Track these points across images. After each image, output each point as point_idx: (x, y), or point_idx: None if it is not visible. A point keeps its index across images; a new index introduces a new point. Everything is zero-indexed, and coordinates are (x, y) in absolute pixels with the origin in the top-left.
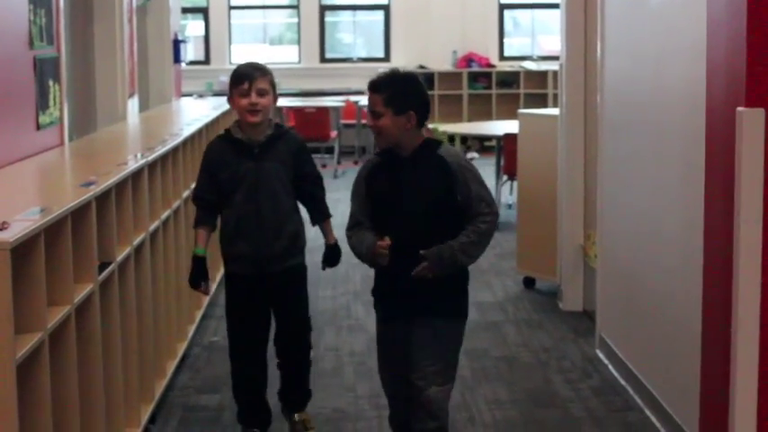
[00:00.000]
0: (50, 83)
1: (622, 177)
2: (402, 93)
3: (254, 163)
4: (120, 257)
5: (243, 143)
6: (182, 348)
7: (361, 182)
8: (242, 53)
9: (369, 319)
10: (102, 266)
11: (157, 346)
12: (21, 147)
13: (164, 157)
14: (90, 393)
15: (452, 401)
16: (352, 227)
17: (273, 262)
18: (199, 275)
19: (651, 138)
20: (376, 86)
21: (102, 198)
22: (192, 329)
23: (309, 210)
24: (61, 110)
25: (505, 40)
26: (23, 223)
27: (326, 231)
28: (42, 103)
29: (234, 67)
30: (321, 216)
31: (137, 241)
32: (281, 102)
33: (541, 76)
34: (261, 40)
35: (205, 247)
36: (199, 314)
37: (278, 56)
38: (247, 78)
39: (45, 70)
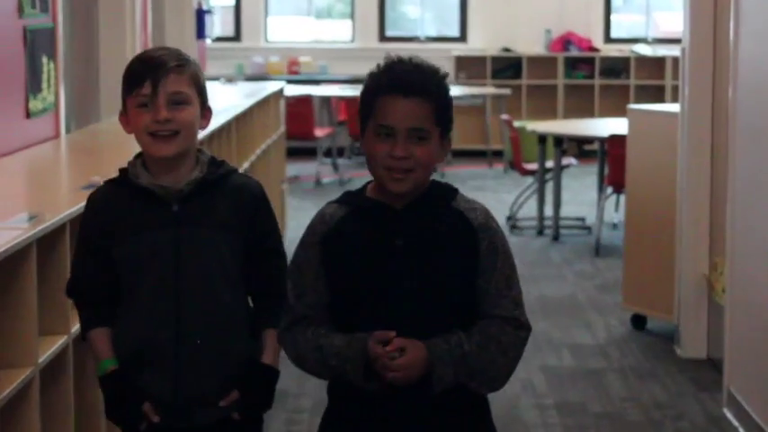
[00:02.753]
0: (44, 60)
1: (762, 192)
2: (451, 102)
3: (172, 230)
4: None
5: (150, 194)
6: None
7: (313, 249)
8: (281, 28)
9: None
10: None
11: None
12: (7, 139)
13: None
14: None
15: None
16: (292, 324)
17: (201, 410)
18: (127, 397)
19: None
20: (419, 86)
21: None
22: None
23: (255, 308)
24: (57, 94)
25: (612, 19)
26: (10, 233)
27: (267, 345)
28: (34, 84)
29: (271, 45)
30: (268, 320)
31: None
32: (330, 90)
33: (658, 64)
34: (305, 12)
35: (113, 356)
36: None
37: (326, 33)
38: (149, 75)
39: (37, 44)
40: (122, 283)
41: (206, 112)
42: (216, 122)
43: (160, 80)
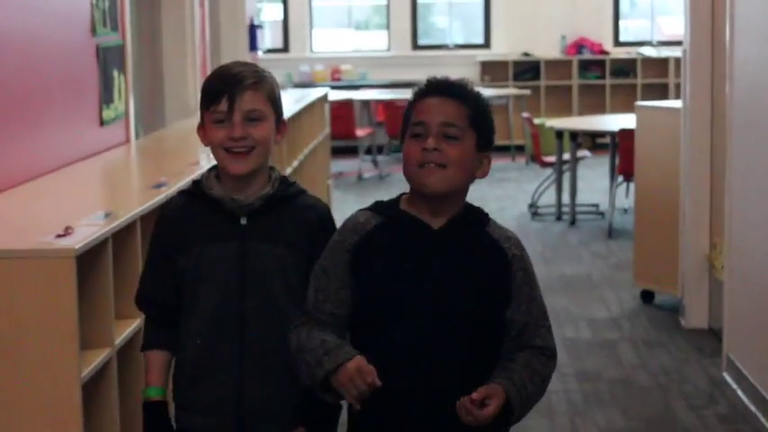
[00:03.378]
0: (115, 73)
1: (756, 179)
2: (491, 117)
3: (239, 243)
4: None
5: (221, 206)
6: None
7: (343, 255)
8: (325, 39)
9: None
10: None
11: None
12: (83, 144)
13: None
14: None
15: (561, 428)
16: (303, 324)
17: (261, 421)
18: None
19: None
20: (457, 90)
21: None
22: None
23: None
24: (127, 103)
25: (621, 24)
26: (89, 228)
27: None
28: (106, 96)
29: (316, 55)
30: None
31: None
32: (369, 94)
33: (662, 64)
34: (345, 24)
35: (163, 384)
36: None
37: (365, 42)
38: (227, 92)
39: (109, 59)
40: (187, 293)
41: (281, 126)
42: None
43: (236, 97)
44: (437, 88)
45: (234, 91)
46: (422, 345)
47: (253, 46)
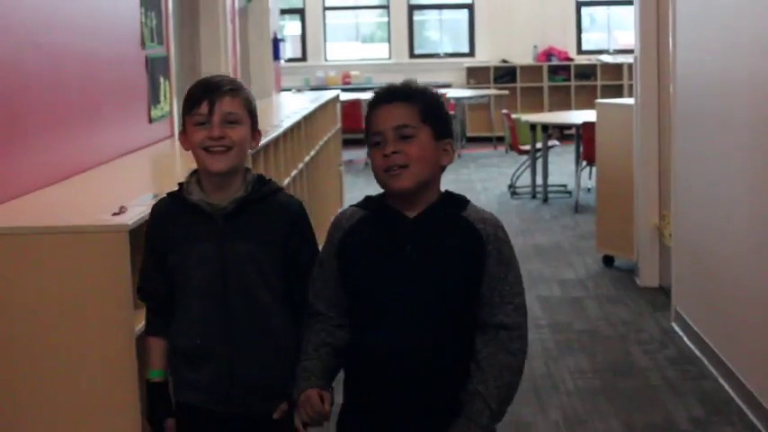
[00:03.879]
0: (161, 80)
1: (695, 162)
2: (442, 108)
3: (217, 244)
4: None
5: (198, 210)
6: None
7: (332, 248)
8: (336, 50)
9: None
10: None
11: None
12: (134, 139)
13: (266, 147)
14: None
15: (537, 371)
16: (308, 318)
17: (250, 396)
18: (160, 409)
19: (721, 126)
20: (402, 93)
21: None
22: None
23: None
24: (171, 104)
25: (583, 36)
26: (139, 208)
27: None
28: (154, 98)
29: (329, 63)
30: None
31: None
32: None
33: (617, 69)
34: (354, 38)
35: (164, 367)
36: None
37: (370, 53)
38: (206, 97)
39: (156, 68)
40: (176, 288)
41: (256, 134)
42: (290, 121)
43: (216, 101)
44: (384, 97)
45: (214, 95)
46: (404, 320)
47: (276, 56)
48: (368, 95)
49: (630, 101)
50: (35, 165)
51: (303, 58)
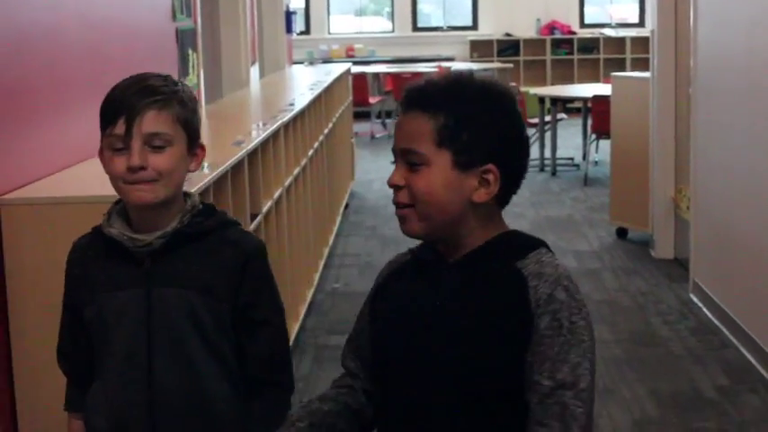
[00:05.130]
0: (189, 52)
1: (715, 135)
2: (478, 120)
3: (143, 289)
4: (264, 209)
5: (120, 247)
6: (310, 294)
7: (369, 295)
8: (340, 23)
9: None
10: (252, 218)
11: (292, 291)
12: None
13: (293, 120)
14: None
15: None
16: (349, 348)
17: None
18: None
19: (745, 98)
20: (420, 98)
21: (251, 155)
22: (316, 277)
23: (247, 395)
24: (198, 76)
25: (585, 9)
26: (195, 177)
27: None
28: (183, 70)
29: (333, 36)
30: (254, 414)
31: (276, 194)
32: (378, 68)
33: (620, 42)
34: (357, 11)
35: None
36: (321, 263)
37: (373, 26)
38: (122, 112)
39: (185, 40)
40: (95, 348)
41: (197, 151)
42: (312, 95)
43: (135, 118)
44: (403, 100)
45: (132, 111)
46: (433, 394)
47: (288, 29)
48: (372, 68)
49: (646, 74)
50: (80, 135)
51: (307, 32)
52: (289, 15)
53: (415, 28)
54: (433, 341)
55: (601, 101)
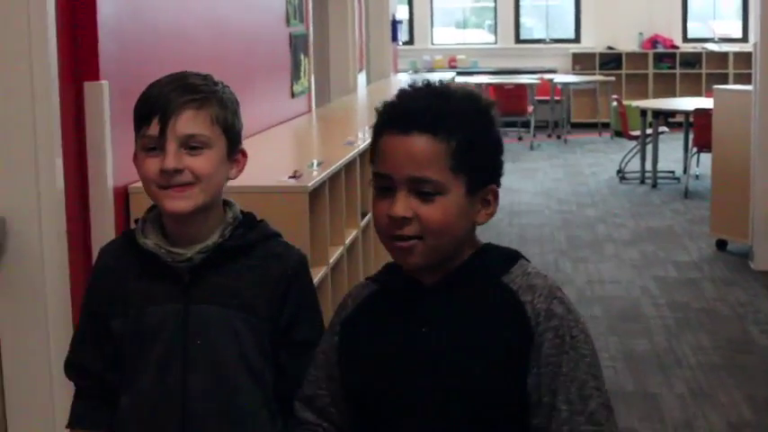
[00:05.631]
0: (301, 57)
1: None
2: (482, 138)
3: (181, 306)
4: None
5: (156, 260)
6: None
7: (332, 338)
8: (443, 35)
9: (576, 274)
10: (362, 216)
11: None
12: (279, 113)
13: None
14: None
15: (659, 345)
16: (297, 424)
17: None
18: None
19: None
20: (425, 117)
21: (362, 156)
22: None
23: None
24: (309, 81)
25: (689, 24)
26: (310, 172)
27: None
28: (295, 74)
29: (436, 47)
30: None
31: None
32: (480, 79)
33: (723, 57)
34: (459, 23)
35: None
36: None
37: (476, 37)
38: (156, 111)
39: (297, 45)
40: (123, 361)
41: (237, 156)
42: None
43: (170, 118)
44: (399, 120)
45: (167, 110)
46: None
47: (394, 38)
48: (474, 79)
49: (749, 87)
50: None
51: (410, 42)
52: (395, 24)
53: (518, 40)
54: (425, 375)
55: (703, 114)
